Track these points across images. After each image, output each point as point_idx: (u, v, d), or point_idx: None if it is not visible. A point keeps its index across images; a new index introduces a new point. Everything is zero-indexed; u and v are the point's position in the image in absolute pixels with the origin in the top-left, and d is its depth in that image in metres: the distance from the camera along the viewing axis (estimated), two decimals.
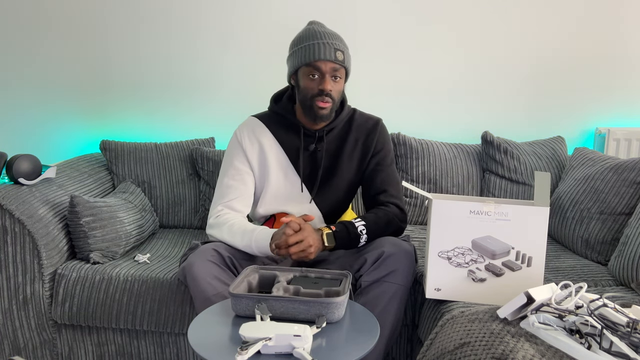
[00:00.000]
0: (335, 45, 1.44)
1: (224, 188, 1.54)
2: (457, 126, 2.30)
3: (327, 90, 1.43)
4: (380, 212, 1.49)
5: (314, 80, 1.45)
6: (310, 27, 1.49)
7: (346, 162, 1.55)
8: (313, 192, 1.55)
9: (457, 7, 2.20)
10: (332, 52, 1.42)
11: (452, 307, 1.28)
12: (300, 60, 1.44)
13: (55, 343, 1.68)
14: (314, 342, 1.01)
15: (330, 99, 1.45)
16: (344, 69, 1.47)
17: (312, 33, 1.45)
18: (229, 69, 2.28)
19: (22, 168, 1.67)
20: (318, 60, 1.42)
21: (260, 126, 1.57)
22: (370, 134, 1.57)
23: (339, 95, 1.49)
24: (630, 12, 2.19)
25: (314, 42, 1.43)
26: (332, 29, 1.51)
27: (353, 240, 1.41)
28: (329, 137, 1.56)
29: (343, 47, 1.46)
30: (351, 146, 1.56)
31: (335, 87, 1.46)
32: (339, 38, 1.48)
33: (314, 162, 1.55)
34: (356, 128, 1.57)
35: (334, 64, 1.43)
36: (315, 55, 1.42)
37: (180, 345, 1.64)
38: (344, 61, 1.45)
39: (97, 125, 2.37)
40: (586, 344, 0.89)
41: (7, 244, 1.61)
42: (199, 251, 1.39)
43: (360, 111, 1.62)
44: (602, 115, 2.28)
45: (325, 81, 1.43)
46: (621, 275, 1.43)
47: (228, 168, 1.56)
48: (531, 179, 2.01)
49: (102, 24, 2.28)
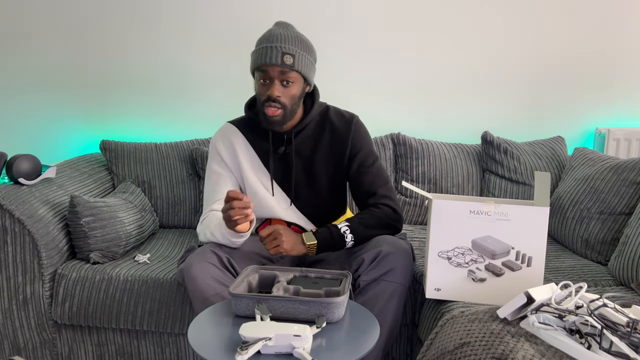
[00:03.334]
0: (284, 49, 1.38)
1: (207, 193, 1.56)
2: (457, 126, 2.30)
3: (274, 96, 1.40)
4: (366, 213, 1.47)
5: (264, 86, 1.42)
6: (271, 28, 1.46)
7: (322, 163, 1.52)
8: (291, 195, 1.54)
9: (457, 7, 2.20)
10: (278, 56, 1.38)
11: (452, 307, 1.28)
12: (252, 64, 1.43)
13: (55, 343, 1.68)
14: (314, 342, 1.01)
15: (279, 104, 1.41)
16: (298, 73, 1.41)
17: (267, 36, 1.42)
18: (229, 69, 2.28)
19: (22, 168, 1.67)
20: (264, 65, 1.39)
21: (234, 131, 1.57)
22: (344, 135, 1.52)
23: (291, 101, 1.43)
24: (630, 13, 2.19)
25: (263, 45, 1.40)
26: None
27: (337, 240, 1.41)
28: (299, 138, 1.52)
29: (295, 50, 1.40)
30: (325, 146, 1.52)
31: (286, 92, 1.41)
32: (297, 41, 1.41)
33: (286, 165, 1.53)
34: (329, 127, 1.53)
35: (281, 68, 1.39)
36: (262, 59, 1.39)
37: (180, 345, 1.64)
38: (294, 65, 1.39)
39: (97, 125, 2.37)
40: (586, 344, 0.89)
41: (7, 244, 1.61)
42: (197, 252, 1.39)
43: (335, 108, 1.57)
44: (602, 115, 2.28)
45: (273, 87, 1.40)
46: (621, 275, 1.43)
47: (209, 174, 1.57)
48: (531, 179, 2.01)
49: (102, 25, 2.28)
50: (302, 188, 1.54)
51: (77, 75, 2.33)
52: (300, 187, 1.54)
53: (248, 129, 1.56)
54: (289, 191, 1.54)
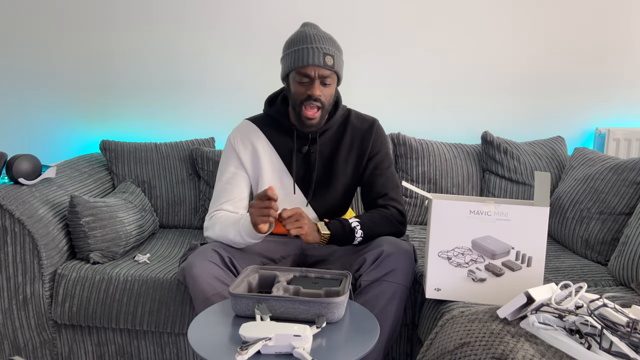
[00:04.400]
0: (325, 50, 1.40)
1: (218, 192, 1.55)
2: (457, 126, 2.30)
3: (316, 95, 1.41)
4: (376, 212, 1.49)
5: (303, 85, 1.43)
6: (302, 29, 1.46)
7: (342, 164, 1.54)
8: (309, 195, 1.54)
9: (457, 7, 2.20)
10: (320, 57, 1.39)
11: (452, 307, 1.28)
12: (290, 65, 1.43)
13: (55, 343, 1.68)
14: (314, 342, 1.01)
15: (319, 103, 1.43)
16: (335, 73, 1.44)
17: (303, 36, 1.43)
18: (229, 69, 2.28)
19: (22, 168, 1.67)
20: (307, 66, 1.40)
21: (254, 129, 1.57)
22: (365, 137, 1.55)
23: (329, 100, 1.46)
24: (630, 12, 2.19)
25: (303, 46, 1.41)
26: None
27: (348, 234, 1.41)
28: (322, 139, 1.54)
29: (334, 51, 1.42)
30: (346, 148, 1.54)
31: (325, 92, 1.44)
32: (331, 41, 1.44)
33: (307, 164, 1.54)
34: (351, 130, 1.55)
35: (323, 70, 1.40)
36: (304, 60, 1.40)
37: (180, 345, 1.64)
38: (334, 66, 1.42)
39: (97, 125, 2.37)
40: (586, 344, 0.89)
41: (7, 244, 1.61)
42: (199, 251, 1.39)
43: (355, 111, 1.60)
44: (602, 115, 2.28)
45: (314, 87, 1.41)
46: (621, 275, 1.43)
47: (222, 172, 1.56)
48: (531, 179, 2.01)
49: (102, 25, 2.28)
50: (320, 188, 1.55)
51: (78, 76, 2.33)
52: (318, 187, 1.54)
53: (268, 127, 1.56)
54: (307, 191, 1.54)
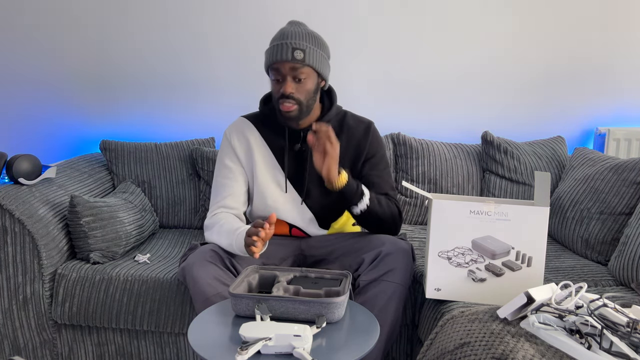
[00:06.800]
0: (295, 45, 1.38)
1: (217, 187, 1.55)
2: (457, 126, 2.30)
3: (287, 92, 1.40)
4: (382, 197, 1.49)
5: (278, 83, 1.42)
6: (283, 27, 1.46)
7: None
8: (302, 194, 1.54)
9: (458, 7, 2.20)
10: (289, 52, 1.37)
11: (452, 307, 1.28)
12: (265, 63, 1.44)
13: (55, 343, 1.68)
14: (314, 342, 1.01)
15: (293, 101, 1.41)
16: (310, 67, 1.41)
17: (279, 34, 1.43)
18: (229, 69, 2.28)
19: (22, 168, 1.67)
20: (276, 62, 1.40)
21: (249, 126, 1.57)
22: (362, 139, 1.54)
23: (306, 96, 1.44)
24: (630, 13, 2.19)
25: (275, 43, 1.41)
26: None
27: (357, 194, 1.40)
28: None
29: (306, 45, 1.39)
30: (342, 149, 1.52)
31: (300, 88, 1.42)
32: (308, 37, 1.41)
33: (300, 162, 1.54)
34: (347, 130, 1.55)
35: (292, 64, 1.39)
36: (273, 57, 1.40)
37: (180, 345, 1.64)
38: (305, 60, 1.38)
39: (97, 125, 2.37)
40: (586, 344, 0.89)
41: (7, 244, 1.61)
42: (199, 252, 1.39)
43: (351, 113, 1.60)
44: (602, 115, 2.28)
45: (285, 84, 1.40)
46: (621, 275, 1.43)
47: (220, 168, 1.56)
48: (531, 179, 2.01)
49: (102, 24, 2.28)
50: (314, 186, 1.54)
51: (77, 75, 2.33)
52: (312, 186, 1.54)
53: (263, 124, 1.56)
54: (301, 189, 1.54)
